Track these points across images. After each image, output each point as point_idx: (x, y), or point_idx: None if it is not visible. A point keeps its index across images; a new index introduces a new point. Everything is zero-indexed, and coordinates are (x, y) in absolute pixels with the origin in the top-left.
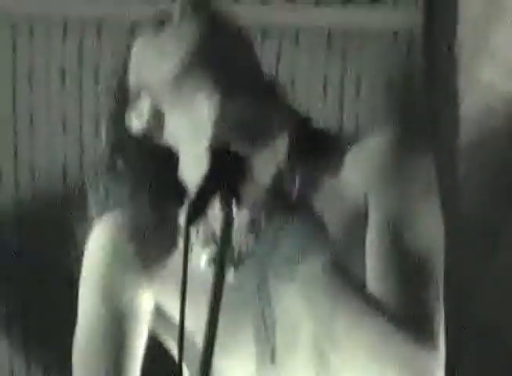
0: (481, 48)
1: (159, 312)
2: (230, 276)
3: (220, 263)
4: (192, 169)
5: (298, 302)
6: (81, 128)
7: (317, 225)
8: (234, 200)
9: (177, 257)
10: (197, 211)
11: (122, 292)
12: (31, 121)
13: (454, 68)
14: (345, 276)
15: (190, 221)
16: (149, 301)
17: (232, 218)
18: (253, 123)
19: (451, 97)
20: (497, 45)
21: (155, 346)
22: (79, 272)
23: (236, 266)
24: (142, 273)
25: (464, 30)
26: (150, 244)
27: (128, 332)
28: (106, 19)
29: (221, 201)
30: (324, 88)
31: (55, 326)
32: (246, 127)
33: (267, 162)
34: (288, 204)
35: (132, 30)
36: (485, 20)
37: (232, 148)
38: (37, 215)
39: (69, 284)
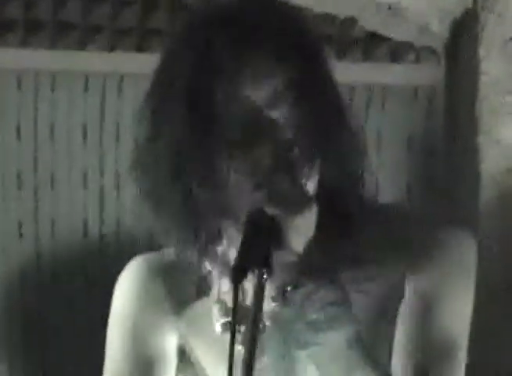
0: (501, 108)
1: (181, 355)
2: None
3: (253, 329)
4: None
5: (313, 367)
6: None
7: (343, 299)
8: (266, 269)
9: (203, 303)
10: (240, 274)
11: (151, 335)
12: (52, 175)
13: (475, 126)
14: (365, 352)
15: (236, 282)
16: (174, 344)
17: (264, 286)
18: (286, 190)
19: (471, 154)
20: None
21: None
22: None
23: (261, 331)
24: (170, 316)
25: (485, 88)
26: (179, 287)
27: (157, 373)
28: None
29: (254, 269)
30: None
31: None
32: (280, 193)
33: (299, 230)
34: (316, 274)
35: None
36: (506, 79)
37: (267, 212)
38: (57, 269)
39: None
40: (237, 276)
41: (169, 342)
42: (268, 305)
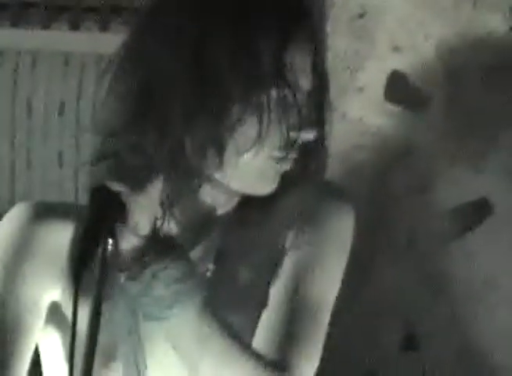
0: (348, 84)
1: (54, 310)
2: (106, 312)
3: (96, 302)
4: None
5: (168, 343)
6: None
7: (191, 270)
8: (111, 241)
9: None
10: (85, 254)
11: (25, 286)
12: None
13: None
14: (214, 319)
15: (79, 264)
16: (50, 296)
17: (106, 259)
18: (130, 165)
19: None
20: (364, 81)
21: None
22: None
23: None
24: (52, 270)
25: (332, 65)
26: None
27: (24, 325)
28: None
29: (99, 242)
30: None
31: None
32: (124, 168)
33: (143, 206)
34: (164, 247)
35: None
36: (353, 56)
37: (111, 188)
38: None
39: None
40: (78, 268)
41: (45, 296)
42: (117, 277)
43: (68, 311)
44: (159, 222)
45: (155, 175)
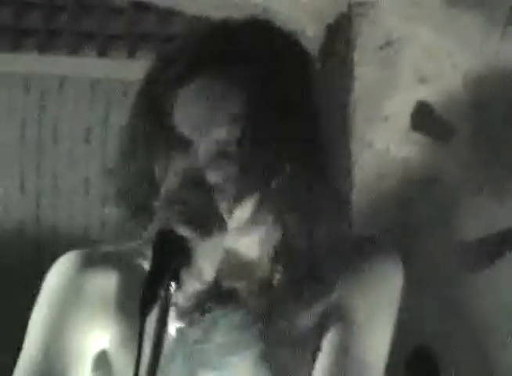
0: (374, 113)
1: (101, 358)
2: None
3: (157, 344)
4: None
5: None
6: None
7: (250, 322)
8: (174, 285)
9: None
10: (150, 298)
11: (73, 333)
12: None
13: (348, 131)
14: (270, 370)
15: (144, 307)
16: (97, 344)
17: (169, 302)
18: (199, 210)
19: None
20: (390, 111)
21: None
22: None
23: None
24: (103, 320)
25: (358, 95)
26: (121, 285)
27: (69, 372)
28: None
29: (163, 285)
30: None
31: None
32: (192, 213)
33: (209, 251)
34: (224, 294)
35: None
36: (379, 85)
37: (177, 232)
38: None
39: None
40: (145, 306)
41: (92, 341)
42: (176, 324)
43: (116, 359)
44: (222, 269)
45: (223, 224)
